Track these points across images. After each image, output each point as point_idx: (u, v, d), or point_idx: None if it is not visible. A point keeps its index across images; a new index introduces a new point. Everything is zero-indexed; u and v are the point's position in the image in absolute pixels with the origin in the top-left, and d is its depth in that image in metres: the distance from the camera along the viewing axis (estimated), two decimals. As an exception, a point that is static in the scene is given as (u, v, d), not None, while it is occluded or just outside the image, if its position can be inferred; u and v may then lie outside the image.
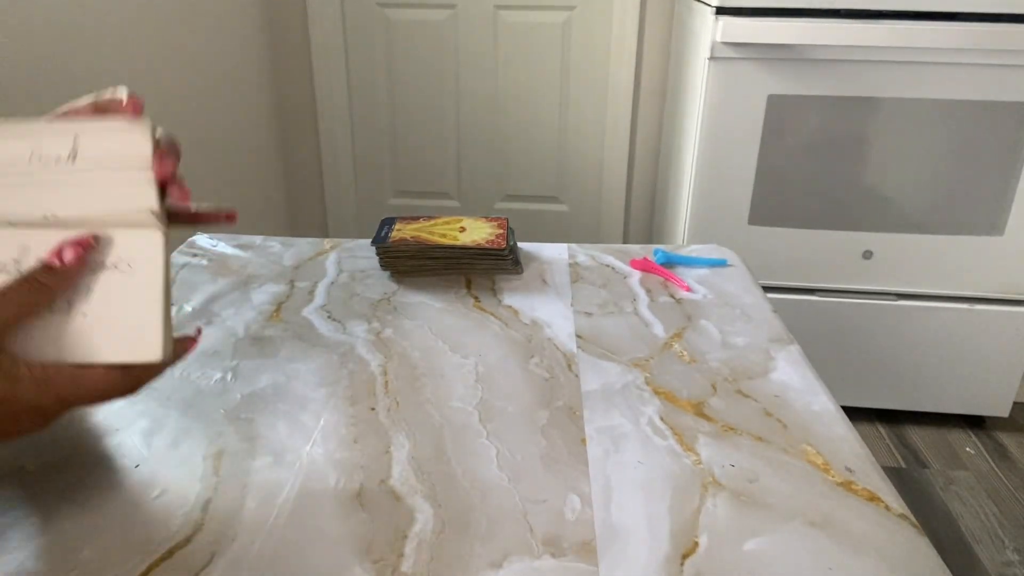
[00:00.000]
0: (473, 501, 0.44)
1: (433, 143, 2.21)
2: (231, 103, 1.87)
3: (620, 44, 2.03)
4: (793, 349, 0.61)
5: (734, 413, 0.53)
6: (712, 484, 0.46)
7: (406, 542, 0.41)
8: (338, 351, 0.60)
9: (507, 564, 0.39)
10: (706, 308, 0.68)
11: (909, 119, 1.47)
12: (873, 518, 0.43)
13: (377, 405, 0.53)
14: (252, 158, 2.02)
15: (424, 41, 2.09)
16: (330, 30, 2.08)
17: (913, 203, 1.54)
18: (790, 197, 1.56)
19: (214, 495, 0.44)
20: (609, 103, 2.11)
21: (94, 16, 1.32)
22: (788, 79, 1.46)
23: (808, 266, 1.62)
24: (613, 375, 0.57)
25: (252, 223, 2.01)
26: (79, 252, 0.40)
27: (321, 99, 2.16)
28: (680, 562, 0.40)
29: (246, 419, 0.51)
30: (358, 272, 0.74)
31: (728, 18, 1.41)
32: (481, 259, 0.73)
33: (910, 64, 1.42)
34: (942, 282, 1.60)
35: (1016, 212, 1.52)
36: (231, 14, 1.85)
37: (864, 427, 1.75)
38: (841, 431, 0.51)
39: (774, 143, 1.51)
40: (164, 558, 0.40)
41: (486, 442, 0.49)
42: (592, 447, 0.49)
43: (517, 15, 2.04)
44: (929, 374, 1.69)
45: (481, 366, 0.58)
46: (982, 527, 1.47)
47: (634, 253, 0.79)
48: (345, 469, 0.46)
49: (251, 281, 0.72)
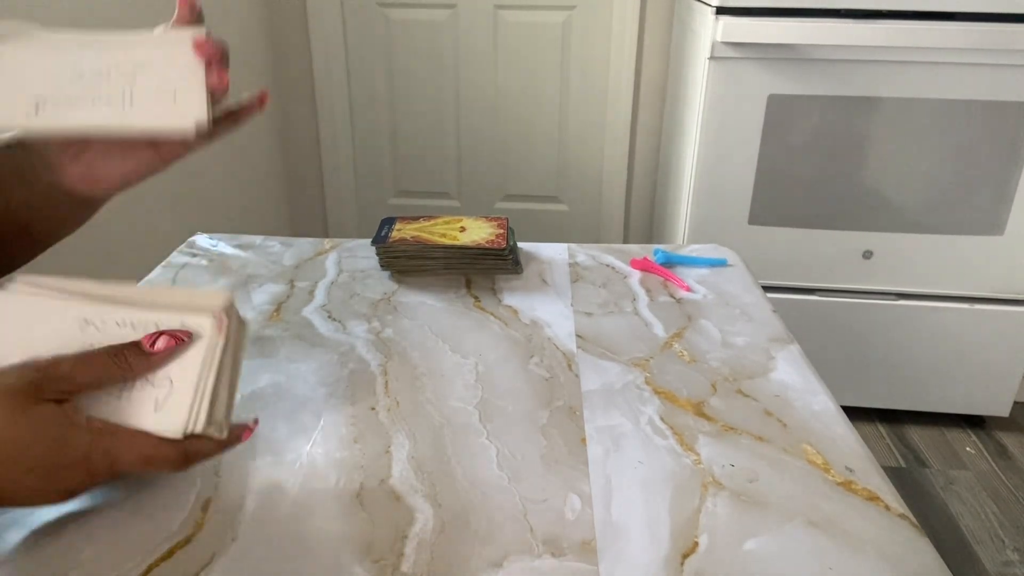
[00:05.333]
0: (473, 501, 0.44)
1: (433, 143, 2.21)
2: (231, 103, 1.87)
3: (620, 44, 2.03)
4: (793, 349, 0.61)
5: (734, 413, 0.53)
6: (712, 484, 0.46)
7: (406, 542, 0.41)
8: (338, 351, 0.60)
9: (507, 564, 0.39)
10: (706, 308, 0.68)
11: (909, 119, 1.47)
12: (873, 518, 0.43)
13: (377, 405, 0.53)
14: (252, 158, 2.02)
15: (424, 41, 2.09)
16: (330, 30, 2.08)
17: (913, 203, 1.54)
18: (790, 197, 1.56)
19: (214, 495, 0.44)
20: (609, 103, 2.11)
21: (94, 17, 1.32)
22: (788, 79, 1.46)
23: (808, 266, 1.62)
24: (613, 375, 0.57)
25: (252, 223, 2.01)
26: (171, 345, 0.41)
27: (321, 99, 2.16)
28: (680, 562, 0.40)
29: (246, 419, 0.51)
30: (358, 272, 0.74)
31: (728, 18, 1.41)
32: (481, 259, 0.73)
33: (910, 64, 1.42)
34: (942, 282, 1.60)
35: (1016, 212, 1.52)
36: (231, 14, 1.85)
37: (864, 427, 1.75)
38: (841, 431, 0.51)
39: (774, 143, 1.51)
40: (164, 558, 0.40)
41: (486, 442, 0.49)
42: (592, 447, 0.49)
43: (517, 15, 2.04)
44: (929, 374, 1.69)
45: (481, 366, 0.58)
46: (982, 527, 1.47)
47: (634, 253, 0.79)
48: (345, 469, 0.46)
49: (251, 281, 0.72)
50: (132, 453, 0.40)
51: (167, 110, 0.45)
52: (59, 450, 0.38)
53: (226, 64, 0.46)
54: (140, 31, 0.47)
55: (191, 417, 0.41)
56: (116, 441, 0.40)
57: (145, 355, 0.41)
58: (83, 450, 0.39)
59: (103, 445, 0.39)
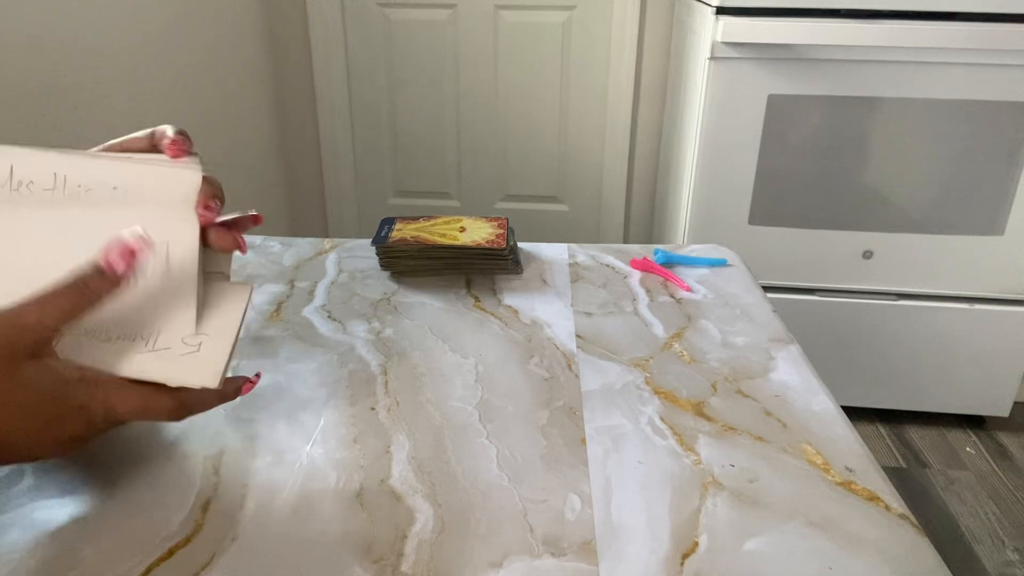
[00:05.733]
0: (473, 501, 0.44)
1: (433, 143, 2.21)
2: (231, 103, 1.87)
3: (620, 44, 2.03)
4: (793, 349, 0.61)
5: (734, 413, 0.53)
6: (712, 484, 0.46)
7: (406, 542, 0.41)
8: (338, 351, 0.60)
9: (507, 564, 0.39)
10: (706, 308, 0.68)
11: (909, 119, 1.47)
12: (873, 518, 0.43)
13: (377, 405, 0.53)
14: (252, 158, 2.02)
15: (424, 41, 2.09)
16: (330, 30, 2.08)
17: (913, 203, 1.54)
18: (790, 197, 1.56)
19: (214, 495, 0.44)
20: (609, 103, 2.11)
21: (94, 17, 1.32)
22: (788, 79, 1.46)
23: (808, 266, 1.62)
24: (613, 375, 0.57)
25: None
26: (130, 261, 0.39)
27: (321, 99, 2.16)
28: (680, 562, 0.40)
29: (246, 419, 0.51)
30: (358, 272, 0.74)
31: (728, 18, 1.41)
32: (481, 259, 0.73)
33: (910, 64, 1.42)
34: (942, 282, 1.60)
35: (1016, 212, 1.52)
36: (231, 14, 1.85)
37: (864, 427, 1.75)
38: (841, 431, 0.51)
39: (774, 143, 1.51)
40: (164, 558, 0.40)
41: (486, 442, 0.49)
42: (592, 447, 0.49)
43: (517, 15, 2.04)
44: (929, 374, 1.69)
45: (481, 366, 0.58)
46: (982, 527, 1.47)
47: (634, 253, 0.79)
48: (345, 469, 0.46)
49: (251, 281, 0.72)
50: (131, 401, 0.39)
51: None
52: (53, 405, 0.37)
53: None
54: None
55: (224, 370, 0.41)
56: (113, 389, 0.39)
57: (109, 277, 0.39)
58: (78, 401, 0.38)
59: (98, 395, 0.38)
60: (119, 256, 0.39)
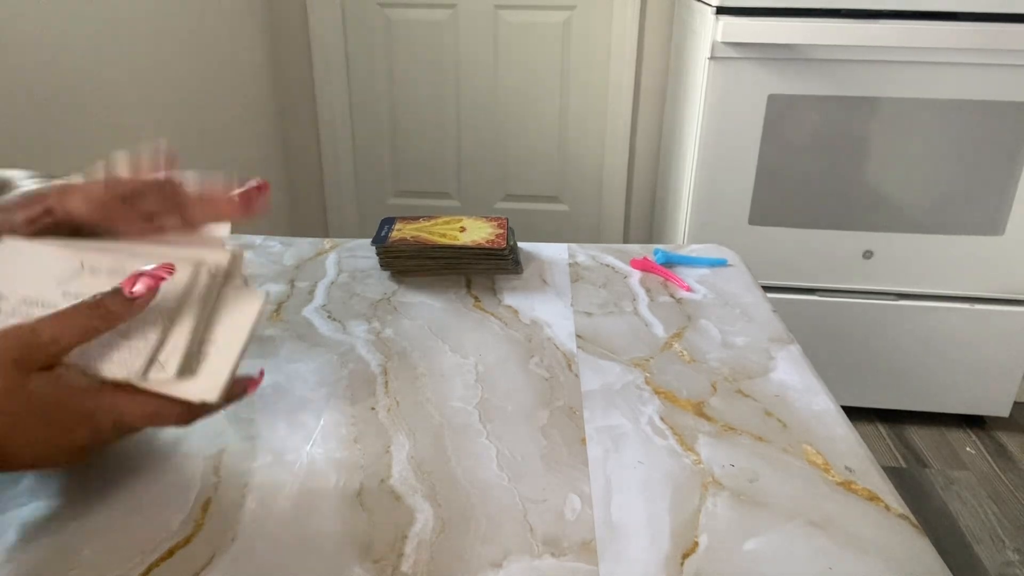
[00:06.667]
0: (473, 501, 0.44)
1: (433, 143, 2.21)
2: (231, 103, 1.87)
3: (620, 44, 2.03)
4: (793, 349, 0.61)
5: (734, 413, 0.53)
6: (712, 484, 0.46)
7: (406, 542, 0.41)
8: (338, 351, 0.60)
9: (507, 564, 0.39)
10: (706, 308, 0.68)
11: (909, 119, 1.47)
12: (873, 518, 0.43)
13: (377, 405, 0.53)
14: (252, 158, 2.02)
15: (424, 41, 2.09)
16: (330, 30, 2.08)
17: (913, 203, 1.54)
18: (790, 197, 1.56)
19: (214, 495, 0.44)
20: (609, 103, 2.11)
21: (94, 18, 1.32)
22: (788, 79, 1.46)
23: (808, 266, 1.62)
24: (613, 375, 0.57)
25: (252, 223, 2.01)
26: (152, 286, 0.40)
27: (321, 99, 2.16)
28: (680, 562, 0.40)
29: (246, 419, 0.51)
30: (358, 272, 0.74)
31: (728, 18, 1.41)
32: (481, 259, 0.73)
33: (910, 64, 1.42)
34: (942, 282, 1.60)
35: (1016, 212, 1.52)
36: (231, 14, 1.85)
37: (864, 427, 1.75)
38: (841, 431, 0.51)
39: (774, 143, 1.51)
40: (164, 558, 0.40)
41: (486, 442, 0.49)
42: (592, 447, 0.49)
43: (517, 15, 2.04)
44: (929, 374, 1.69)
45: (481, 366, 0.58)
46: (982, 527, 1.47)
47: (634, 253, 0.79)
48: (345, 469, 0.46)
49: (251, 281, 0.72)
50: (137, 411, 0.40)
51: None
52: (60, 415, 0.38)
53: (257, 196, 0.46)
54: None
55: (228, 381, 0.41)
56: (121, 398, 0.39)
57: (127, 300, 0.39)
58: (86, 410, 0.38)
59: (106, 404, 0.39)
60: (140, 281, 0.40)
